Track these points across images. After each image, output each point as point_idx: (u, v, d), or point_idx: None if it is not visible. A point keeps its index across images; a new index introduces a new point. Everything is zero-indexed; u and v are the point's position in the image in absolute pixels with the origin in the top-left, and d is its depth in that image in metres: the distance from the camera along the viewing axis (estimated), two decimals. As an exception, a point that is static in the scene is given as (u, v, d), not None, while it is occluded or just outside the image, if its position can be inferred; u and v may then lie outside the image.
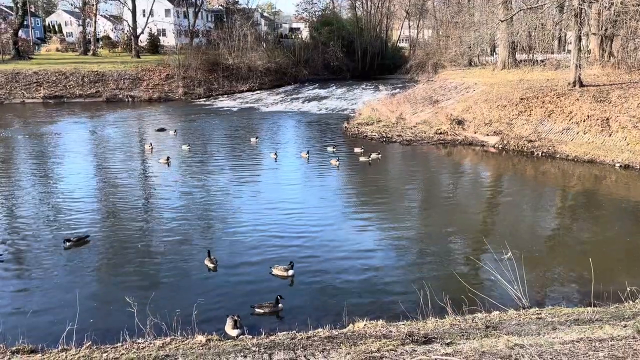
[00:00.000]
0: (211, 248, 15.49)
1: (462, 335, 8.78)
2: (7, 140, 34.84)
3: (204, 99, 59.54)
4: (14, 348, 9.33)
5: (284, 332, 9.94)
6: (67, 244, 15.90)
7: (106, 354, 8.78)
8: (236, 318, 11.15)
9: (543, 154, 29.24)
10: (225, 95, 62.44)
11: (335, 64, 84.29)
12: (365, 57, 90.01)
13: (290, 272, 13.96)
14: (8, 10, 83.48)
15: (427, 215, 20.31)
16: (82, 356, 8.68)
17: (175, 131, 37.74)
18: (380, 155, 29.24)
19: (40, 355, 8.95)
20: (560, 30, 50.92)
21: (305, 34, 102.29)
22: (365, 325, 10.09)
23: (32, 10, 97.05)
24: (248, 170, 26.97)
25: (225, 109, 52.45)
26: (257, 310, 12.07)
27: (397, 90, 59.87)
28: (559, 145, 29.50)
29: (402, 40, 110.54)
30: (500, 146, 31.44)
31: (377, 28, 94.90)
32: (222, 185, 23.89)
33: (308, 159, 29.09)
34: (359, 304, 12.55)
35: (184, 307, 11.82)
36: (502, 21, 44.05)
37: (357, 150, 30.83)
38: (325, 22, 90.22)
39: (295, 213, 19.60)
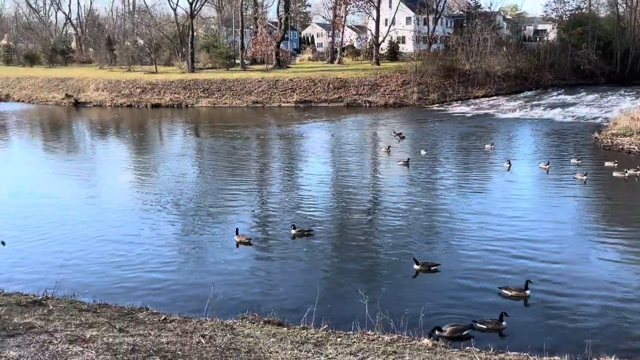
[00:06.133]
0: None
1: None
2: (262, 139, 40.28)
3: (437, 105, 59.57)
4: (265, 319, 10.74)
5: (514, 353, 9.39)
6: (292, 231, 17.60)
7: (340, 338, 9.49)
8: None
9: None
10: (459, 101, 61.43)
11: (587, 67, 75.74)
12: (626, 60, 78.79)
13: (527, 292, 13.06)
14: (273, 26, 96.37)
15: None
16: (320, 337, 9.53)
17: (404, 137, 38.08)
18: (639, 172, 25.28)
19: (286, 329, 10.13)
20: None
21: (552, 35, 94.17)
22: (614, 363, 8.85)
23: (292, 24, 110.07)
24: (479, 178, 26.10)
25: (458, 114, 51.65)
26: (479, 325, 11.59)
27: (667, 97, 50.93)
28: None
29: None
30: None
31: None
32: (451, 191, 23.59)
33: (548, 171, 26.77)
34: (603, 337, 11.14)
35: (411, 307, 12.05)
36: None
37: (609, 164, 27.21)
38: (578, 22, 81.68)
39: (528, 227, 18.28)
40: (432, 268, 14.73)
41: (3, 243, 17.00)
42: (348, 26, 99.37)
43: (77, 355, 7.26)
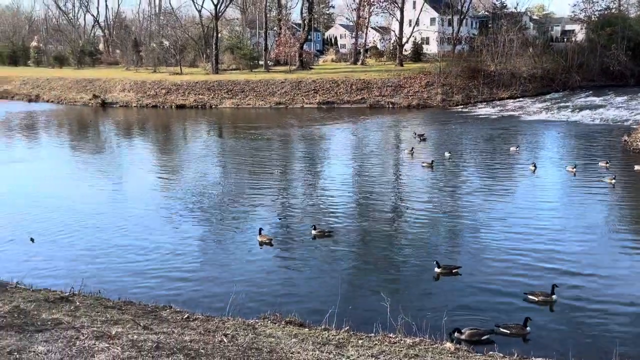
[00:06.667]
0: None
1: None
2: (285, 140, 40.42)
3: (462, 106, 58.99)
4: (287, 319, 10.77)
5: (539, 359, 9.22)
6: (313, 232, 17.61)
7: (361, 340, 9.46)
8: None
9: None
10: (484, 103, 60.71)
11: (616, 68, 74.09)
12: (657, 61, 76.88)
13: (554, 297, 12.84)
14: (296, 27, 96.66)
15: None
16: (341, 338, 9.52)
17: (425, 138, 37.80)
18: (670, 176, 24.67)
19: (307, 330, 10.14)
20: None
21: (580, 36, 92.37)
22: (642, 372, 8.64)
23: (315, 26, 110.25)
24: (504, 181, 25.74)
25: (483, 116, 51.05)
26: (502, 330, 11.43)
27: (700, 99, 49.52)
28: None
29: None
30: None
31: (677, 26, 79.86)
32: (475, 194, 23.29)
33: (575, 174, 26.27)
34: (631, 346, 10.88)
35: (433, 310, 11.96)
36: None
37: (639, 168, 26.57)
38: (607, 22, 79.95)
39: (553, 233, 17.93)
40: (453, 271, 14.60)
41: (32, 240, 17.44)
42: (371, 27, 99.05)
43: (103, 351, 7.39)
